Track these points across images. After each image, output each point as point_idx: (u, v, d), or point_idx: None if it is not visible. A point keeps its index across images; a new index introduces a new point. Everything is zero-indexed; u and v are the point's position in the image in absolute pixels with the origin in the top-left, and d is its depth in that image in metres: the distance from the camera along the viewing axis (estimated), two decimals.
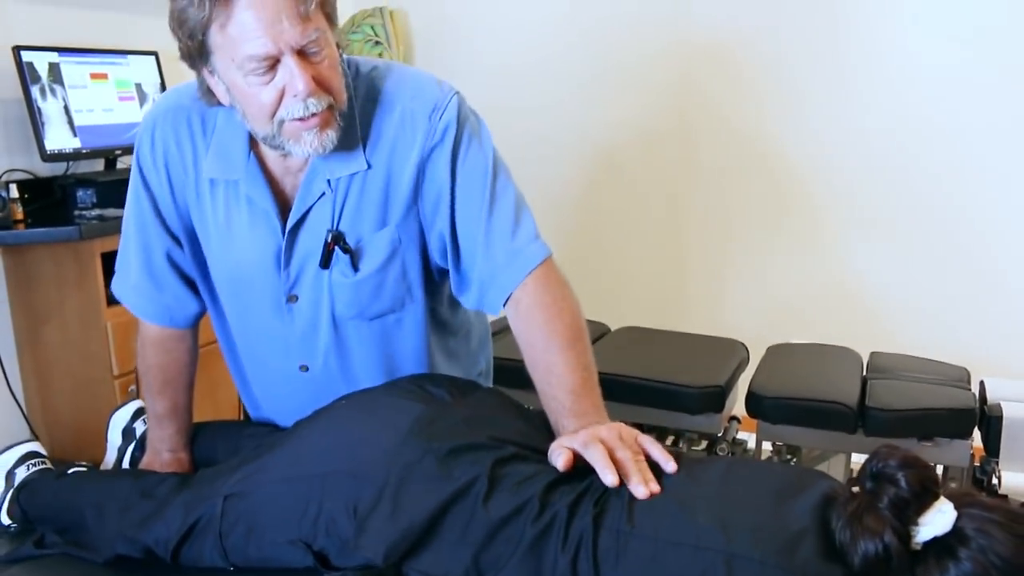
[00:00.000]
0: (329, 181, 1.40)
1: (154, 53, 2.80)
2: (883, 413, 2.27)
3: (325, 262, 1.43)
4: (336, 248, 1.42)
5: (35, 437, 2.57)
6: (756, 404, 2.37)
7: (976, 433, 2.30)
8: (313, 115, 1.27)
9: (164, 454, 1.61)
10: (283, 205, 1.43)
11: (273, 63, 1.24)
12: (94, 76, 2.61)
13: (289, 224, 1.41)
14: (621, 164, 3.64)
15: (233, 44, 1.22)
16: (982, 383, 2.44)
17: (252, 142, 1.40)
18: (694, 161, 3.54)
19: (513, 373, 1.62)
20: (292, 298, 1.47)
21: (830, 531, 1.08)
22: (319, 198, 1.40)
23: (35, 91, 2.44)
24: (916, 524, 1.07)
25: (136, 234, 1.52)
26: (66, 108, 2.51)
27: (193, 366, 1.68)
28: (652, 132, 3.58)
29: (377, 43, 3.50)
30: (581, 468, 1.20)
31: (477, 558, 1.12)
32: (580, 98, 3.64)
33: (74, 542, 1.36)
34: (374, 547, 1.14)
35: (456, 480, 1.15)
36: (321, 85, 1.27)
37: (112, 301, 2.42)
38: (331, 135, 1.31)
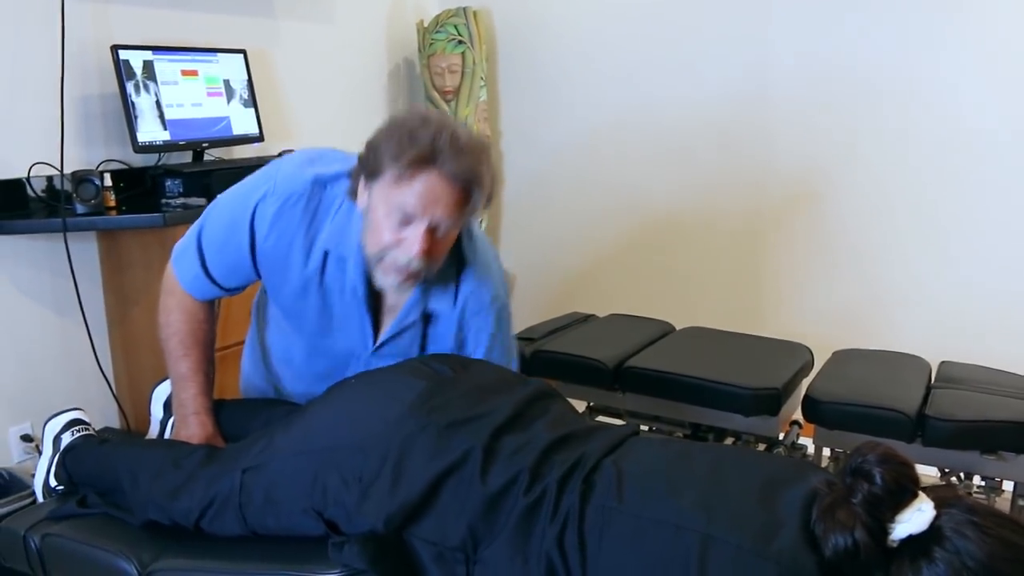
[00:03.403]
0: (423, 313, 1.66)
1: (242, 51, 2.95)
2: (942, 423, 2.21)
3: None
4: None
5: (120, 410, 2.75)
6: (813, 408, 2.34)
7: None
8: (407, 270, 1.52)
9: (189, 417, 1.71)
10: (378, 295, 1.65)
11: (410, 219, 1.48)
12: (185, 73, 2.77)
13: (385, 335, 1.65)
14: (701, 168, 3.62)
15: (398, 190, 1.48)
16: None
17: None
18: (772, 167, 3.49)
19: None
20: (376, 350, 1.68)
21: (810, 523, 1.09)
22: (411, 325, 1.65)
23: (130, 87, 2.60)
24: (893, 521, 1.06)
25: (214, 242, 1.70)
26: (158, 103, 2.67)
27: (214, 329, 1.86)
28: (733, 137, 3.55)
29: (460, 42, 3.58)
30: (575, 434, 1.26)
31: (473, 527, 1.17)
32: (662, 99, 3.64)
33: (114, 504, 1.47)
34: (376, 515, 1.20)
35: (454, 451, 1.21)
36: (428, 255, 1.51)
37: None
38: (409, 287, 1.59)
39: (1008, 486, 2.32)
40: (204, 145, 2.82)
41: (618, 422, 2.52)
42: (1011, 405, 2.28)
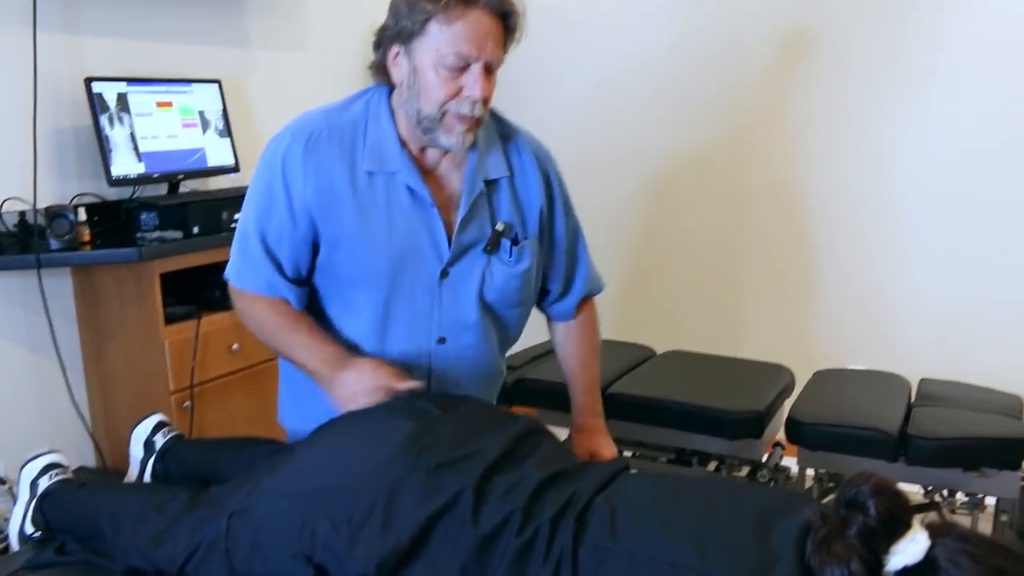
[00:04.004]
0: (486, 181, 1.66)
1: (217, 81, 2.93)
2: (925, 442, 2.22)
3: (492, 246, 1.68)
4: (503, 239, 1.69)
5: (96, 449, 2.71)
6: (795, 430, 2.35)
7: None
8: (471, 117, 1.54)
9: (346, 367, 1.55)
10: (436, 193, 1.64)
11: (465, 67, 1.50)
12: (160, 104, 2.75)
13: (461, 212, 1.64)
14: (678, 190, 3.64)
15: (446, 39, 1.48)
16: None
17: (401, 142, 1.62)
18: (749, 188, 3.51)
19: None
20: (444, 274, 1.65)
21: (805, 556, 1.09)
22: (479, 194, 1.65)
23: (104, 119, 2.58)
24: (888, 552, 1.06)
25: (263, 218, 1.64)
26: (132, 135, 2.64)
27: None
28: (709, 159, 3.57)
29: None
30: (566, 471, 1.25)
31: (466, 569, 1.16)
32: (639, 122, 3.66)
33: (93, 550, 1.44)
34: (367, 559, 1.19)
35: (444, 493, 1.19)
36: (485, 92, 1.53)
37: (170, 320, 2.56)
38: (471, 138, 1.58)
39: (990, 501, 2.34)
40: (179, 177, 2.80)
41: None
42: (992, 421, 2.30)
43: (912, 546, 1.06)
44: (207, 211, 2.66)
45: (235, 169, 2.97)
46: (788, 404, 2.51)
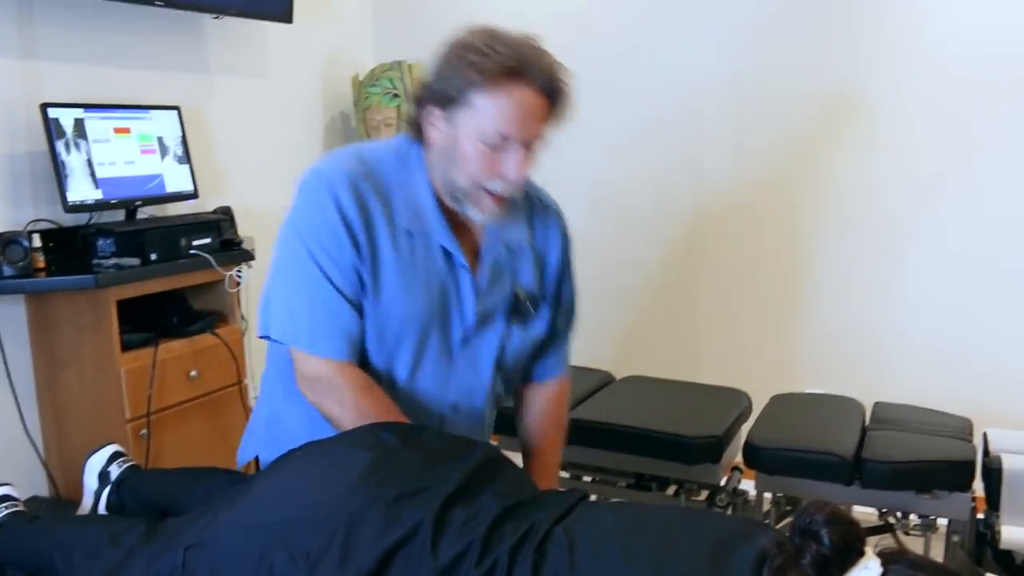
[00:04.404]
0: (507, 247, 1.63)
1: (176, 108, 2.92)
2: (879, 465, 2.26)
3: (515, 314, 1.65)
4: (524, 304, 1.66)
5: (50, 478, 2.66)
6: (753, 455, 2.38)
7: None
8: (504, 196, 1.49)
9: None
10: (466, 246, 1.59)
11: (506, 141, 1.43)
12: (117, 131, 2.73)
13: (482, 279, 1.60)
14: (633, 216, 3.67)
15: (489, 114, 1.41)
16: (985, 435, 2.42)
17: (437, 199, 1.55)
18: (706, 212, 3.56)
19: None
20: (467, 339, 1.61)
21: None
22: (501, 258, 1.62)
23: (60, 145, 2.55)
24: None
25: (331, 271, 1.51)
26: (89, 161, 2.62)
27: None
28: (665, 184, 3.62)
29: (395, 96, 3.59)
30: (524, 502, 1.25)
31: None
32: (593, 146, 3.69)
33: None
34: None
35: (403, 525, 1.19)
36: (522, 175, 1.48)
37: (126, 347, 2.53)
38: (500, 214, 1.54)
39: (942, 523, 2.38)
40: (137, 203, 2.78)
41: (562, 474, 2.53)
42: (943, 444, 2.35)
43: (865, 573, 1.07)
44: (165, 237, 2.64)
45: (194, 195, 2.95)
46: (746, 428, 2.55)
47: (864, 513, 2.48)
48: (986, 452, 2.38)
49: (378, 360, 1.57)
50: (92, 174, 2.62)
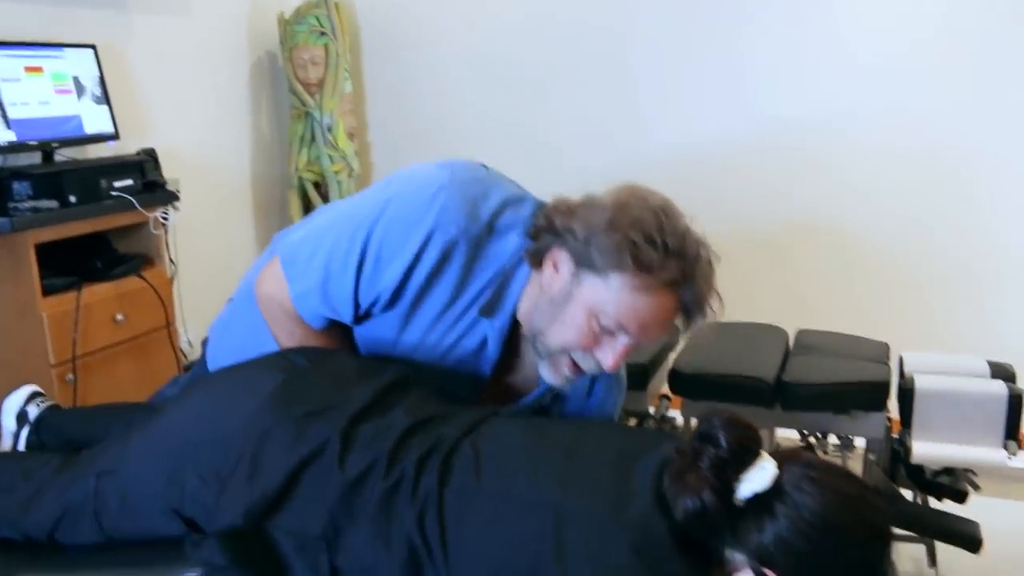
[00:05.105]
0: (553, 392, 1.51)
1: (92, 46, 2.83)
2: (799, 387, 2.33)
3: None
4: None
5: None
6: (678, 381, 2.42)
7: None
8: (582, 374, 1.39)
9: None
10: (506, 356, 1.48)
11: (617, 332, 1.32)
12: (28, 69, 2.64)
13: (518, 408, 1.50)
14: (575, 160, 3.68)
15: (619, 301, 1.29)
16: (901, 358, 2.49)
17: (514, 312, 1.43)
18: (645, 146, 3.58)
19: None
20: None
21: (662, 489, 1.13)
22: (538, 402, 1.52)
23: None
24: (738, 481, 1.11)
25: (350, 256, 1.40)
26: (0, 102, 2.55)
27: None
28: (605, 128, 3.62)
29: (322, 34, 3.53)
30: (434, 417, 1.27)
31: (333, 515, 1.17)
32: (531, 92, 3.68)
33: None
34: (234, 509, 1.19)
35: (311, 441, 1.20)
36: (616, 368, 1.36)
37: (48, 292, 2.48)
38: (570, 383, 1.43)
39: (860, 443, 2.46)
40: (54, 145, 2.71)
41: None
42: (861, 367, 2.42)
43: (760, 474, 1.11)
44: (84, 179, 2.60)
45: (114, 137, 2.89)
46: (673, 357, 2.59)
47: (785, 435, 2.55)
48: (902, 374, 2.45)
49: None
50: (3, 115, 2.55)
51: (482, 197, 1.39)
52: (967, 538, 2.35)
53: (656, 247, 1.28)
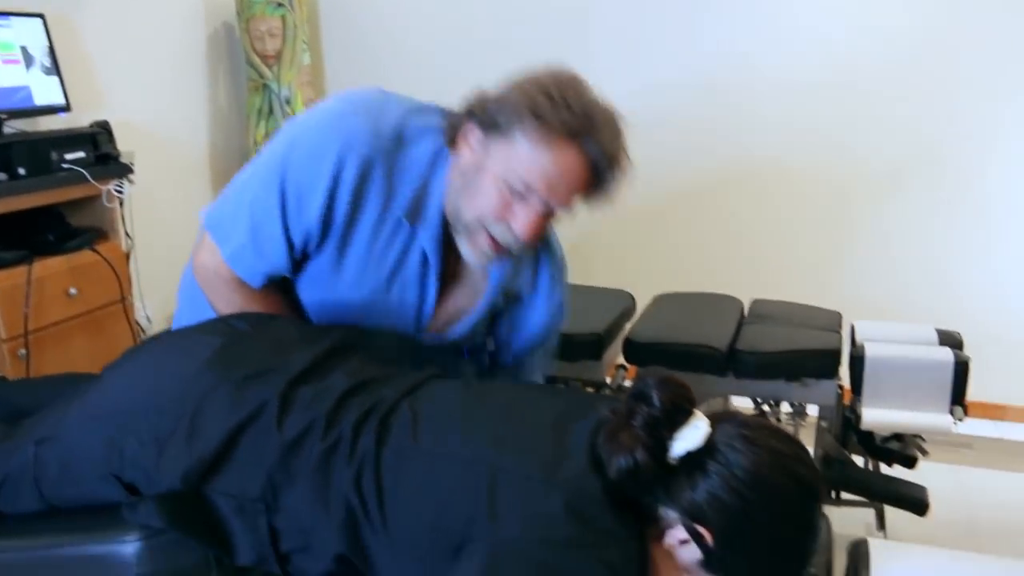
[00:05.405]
0: (506, 294, 1.55)
1: (40, 15, 2.78)
2: (750, 356, 2.35)
3: (471, 356, 1.60)
4: (486, 353, 1.61)
5: None
6: (632, 350, 2.44)
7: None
8: (505, 247, 1.39)
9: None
10: (449, 266, 1.50)
11: (527, 195, 1.33)
12: None
13: (470, 320, 1.54)
14: None
15: (523, 158, 1.31)
16: (852, 326, 2.52)
17: (443, 211, 1.45)
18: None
19: None
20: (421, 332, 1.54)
21: (596, 449, 1.15)
22: (494, 303, 1.55)
23: None
24: (672, 440, 1.13)
25: (270, 206, 1.43)
26: None
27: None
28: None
29: (279, 5, 3.49)
30: (375, 379, 1.28)
31: (272, 477, 1.17)
32: (490, 61, 3.66)
33: None
34: (172, 472, 1.19)
35: (249, 403, 1.20)
36: (532, 238, 1.38)
37: None
38: (496, 263, 1.47)
39: (813, 411, 2.50)
40: (2, 116, 2.66)
41: None
42: (813, 336, 2.45)
43: (693, 432, 1.13)
44: (33, 150, 2.56)
45: (66, 108, 2.84)
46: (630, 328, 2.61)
47: (738, 404, 2.58)
48: (853, 343, 2.49)
49: (315, 318, 1.54)
50: None
51: (382, 112, 1.42)
52: (915, 502, 2.40)
53: (555, 101, 1.30)
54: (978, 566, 1.21)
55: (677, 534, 1.12)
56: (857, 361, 2.32)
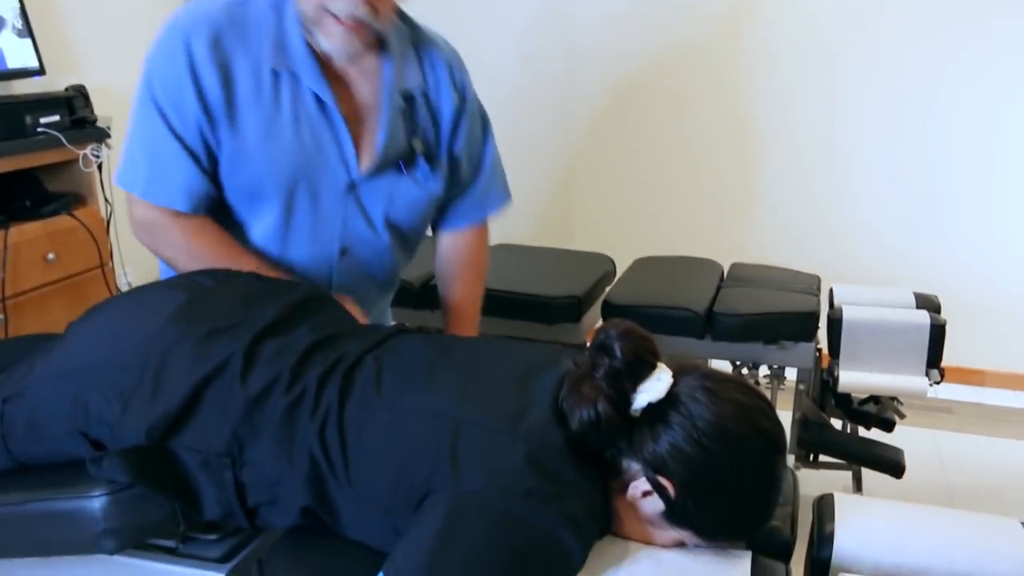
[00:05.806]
0: (402, 95, 1.57)
1: None
2: (728, 318, 2.36)
3: (409, 165, 1.60)
4: (419, 157, 1.61)
5: None
6: (611, 313, 2.44)
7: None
8: (353, 20, 1.41)
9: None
10: (344, 102, 1.53)
11: None
12: None
13: (381, 129, 1.55)
14: (509, 88, 3.66)
15: None
16: (831, 289, 2.53)
17: (307, 43, 1.49)
18: (582, 82, 3.57)
19: None
20: (351, 186, 1.56)
21: (559, 401, 1.15)
22: (396, 109, 1.56)
23: None
24: (635, 391, 1.13)
25: (175, 123, 1.48)
26: None
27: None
28: (539, 57, 3.60)
29: None
30: (340, 334, 1.29)
31: (236, 431, 1.17)
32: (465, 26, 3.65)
33: None
34: (137, 427, 1.18)
35: (213, 358, 1.20)
36: (371, 3, 1.41)
37: None
38: (356, 44, 1.46)
39: (791, 373, 2.51)
40: None
41: None
42: (790, 298, 2.46)
43: (655, 384, 1.13)
44: (6, 114, 2.54)
45: (40, 72, 2.82)
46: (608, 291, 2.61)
47: (718, 366, 2.59)
48: (831, 306, 2.50)
49: (247, 215, 1.56)
50: None
51: (205, 3, 1.49)
52: (891, 464, 2.42)
53: None
54: (941, 519, 1.22)
55: (640, 486, 1.13)
56: (835, 323, 2.34)
